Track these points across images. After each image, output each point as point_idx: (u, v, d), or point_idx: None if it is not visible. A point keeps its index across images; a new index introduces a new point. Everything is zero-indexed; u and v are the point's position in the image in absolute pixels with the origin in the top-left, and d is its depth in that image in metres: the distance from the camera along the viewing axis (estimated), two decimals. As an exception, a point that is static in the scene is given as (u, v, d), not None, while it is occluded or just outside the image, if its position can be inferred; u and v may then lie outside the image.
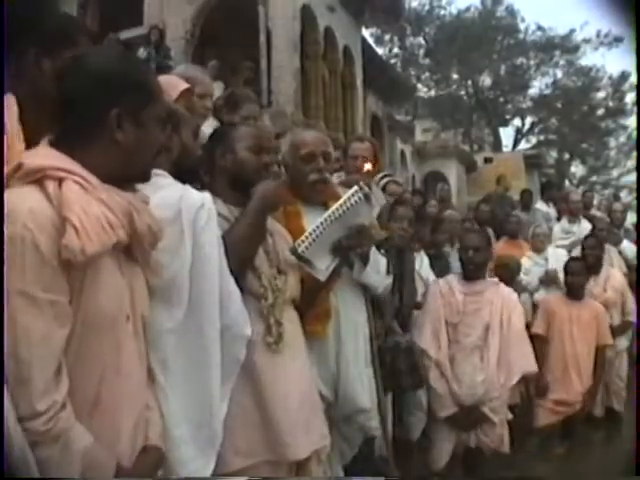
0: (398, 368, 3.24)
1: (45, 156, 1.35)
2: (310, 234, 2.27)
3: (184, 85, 2.71)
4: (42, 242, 1.22)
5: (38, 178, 1.29)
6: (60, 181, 1.29)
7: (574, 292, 4.90)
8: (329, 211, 2.32)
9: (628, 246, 6.54)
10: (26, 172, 1.29)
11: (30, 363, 1.20)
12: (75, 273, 1.29)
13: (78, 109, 1.41)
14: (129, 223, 1.39)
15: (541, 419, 4.73)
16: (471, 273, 3.75)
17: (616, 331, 5.13)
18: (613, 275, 5.48)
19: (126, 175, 1.46)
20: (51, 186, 1.28)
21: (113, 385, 1.38)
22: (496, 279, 3.95)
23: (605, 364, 4.94)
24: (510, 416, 3.65)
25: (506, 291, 3.81)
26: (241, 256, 2.01)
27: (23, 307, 1.20)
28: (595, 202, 9.01)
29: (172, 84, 2.69)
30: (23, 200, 1.25)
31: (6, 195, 1.27)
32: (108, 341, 1.37)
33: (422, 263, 4.50)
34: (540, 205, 8.63)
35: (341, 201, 2.33)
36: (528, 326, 4.71)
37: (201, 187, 2.20)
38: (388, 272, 2.86)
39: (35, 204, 1.25)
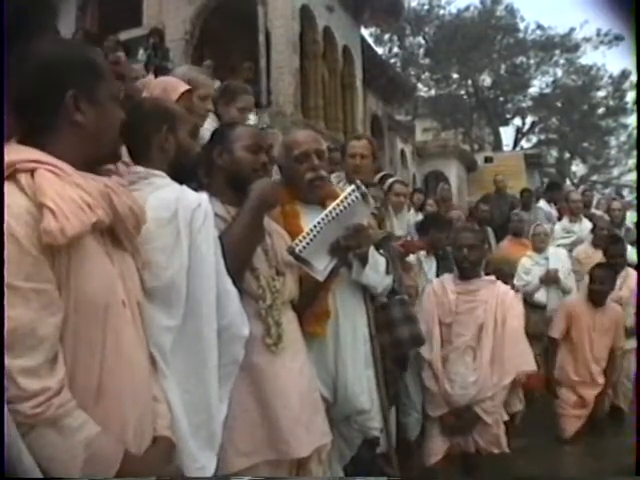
0: (393, 318, 3.18)
1: (14, 151, 1.35)
2: (307, 234, 2.26)
3: (184, 87, 2.70)
4: (20, 232, 1.22)
5: (10, 173, 1.29)
6: (32, 172, 1.30)
7: (598, 300, 4.92)
8: (326, 211, 2.31)
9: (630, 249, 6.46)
10: None
11: (18, 352, 1.20)
12: (60, 260, 1.29)
13: (33, 103, 1.41)
14: (109, 205, 1.39)
15: (568, 429, 4.83)
16: (466, 272, 3.73)
17: (628, 332, 5.14)
18: (631, 275, 5.46)
19: (95, 157, 1.47)
20: (23, 178, 1.28)
21: (115, 372, 1.38)
22: (493, 277, 3.92)
23: (617, 366, 5.04)
24: (506, 417, 3.62)
25: (502, 289, 3.77)
26: (239, 256, 2.00)
27: (8, 299, 1.19)
28: (594, 201, 9.00)
29: (172, 86, 2.69)
30: None
31: None
32: (104, 328, 1.37)
33: (431, 267, 4.49)
34: (543, 204, 8.61)
35: (338, 200, 2.32)
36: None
37: (198, 187, 2.19)
38: (387, 272, 2.85)
39: (10, 197, 1.25)
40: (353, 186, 2.34)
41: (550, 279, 5.74)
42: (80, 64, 1.46)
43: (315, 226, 2.27)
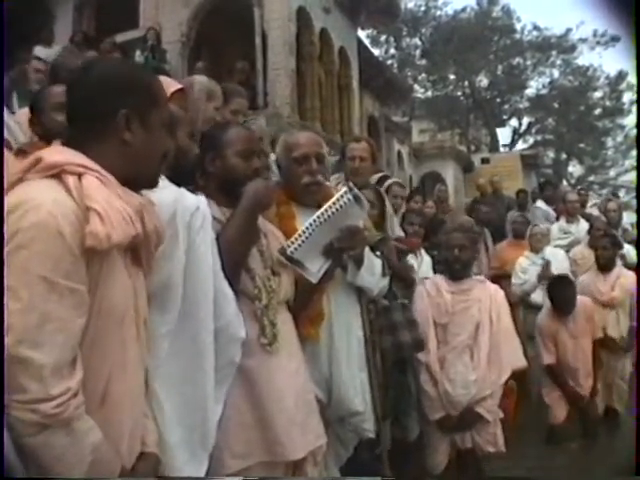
0: (394, 322, 3.18)
1: (63, 153, 1.38)
2: (300, 235, 2.26)
3: (176, 86, 2.69)
4: (66, 230, 1.24)
5: (56, 173, 1.32)
6: (79, 176, 1.32)
7: (565, 311, 4.93)
8: (318, 212, 2.31)
9: (630, 249, 6.42)
10: (45, 166, 1.32)
11: (49, 349, 1.20)
12: (92, 266, 1.30)
13: (86, 112, 1.45)
14: (140, 222, 1.41)
15: (558, 415, 4.87)
16: (458, 272, 3.73)
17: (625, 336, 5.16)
18: (625, 275, 5.46)
19: (134, 178, 1.48)
20: (71, 180, 1.30)
21: (119, 383, 1.39)
22: (482, 277, 3.93)
23: (600, 357, 5.04)
24: (501, 415, 3.63)
25: (492, 288, 3.80)
26: (233, 257, 2.00)
27: (44, 293, 1.21)
28: (597, 201, 8.99)
29: (164, 85, 2.67)
30: (45, 191, 1.28)
31: (24, 187, 1.30)
32: (117, 338, 1.39)
33: (422, 262, 4.49)
34: (540, 204, 8.62)
35: (330, 202, 2.32)
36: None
37: (194, 189, 2.19)
38: (383, 274, 2.85)
39: (58, 195, 1.28)
40: (345, 188, 2.34)
41: (546, 276, 5.70)
42: (139, 87, 1.51)
43: (307, 227, 2.27)
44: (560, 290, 4.93)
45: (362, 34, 19.22)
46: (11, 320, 1.17)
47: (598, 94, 29.82)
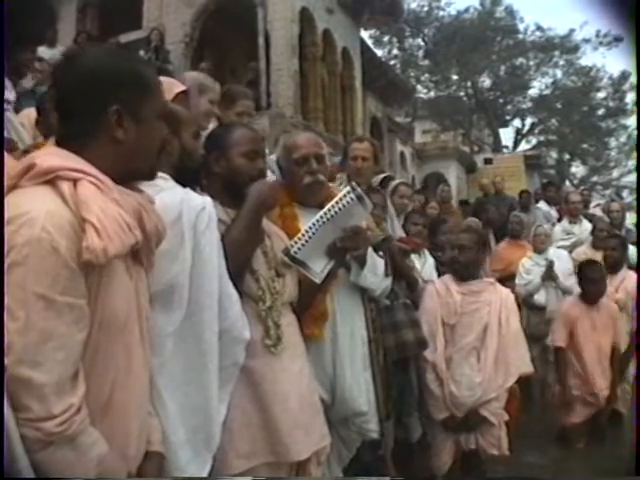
0: (397, 321, 3.19)
1: (57, 156, 1.32)
2: (303, 235, 2.26)
3: (179, 87, 2.70)
4: (62, 245, 1.20)
5: (50, 179, 1.27)
6: (75, 182, 1.27)
7: (592, 298, 4.89)
8: (321, 212, 2.30)
9: (632, 250, 6.41)
10: (38, 172, 1.27)
11: (49, 367, 1.18)
12: (92, 277, 1.27)
13: (75, 109, 1.38)
14: (139, 223, 1.37)
15: (572, 418, 4.83)
16: (458, 273, 3.71)
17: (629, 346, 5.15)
18: (629, 277, 5.43)
19: (131, 173, 1.44)
20: (66, 187, 1.25)
21: (124, 389, 1.37)
22: (492, 279, 3.91)
23: (619, 362, 4.97)
24: (506, 417, 3.62)
25: (504, 291, 3.77)
26: (238, 258, 1.99)
27: (42, 311, 1.18)
28: (600, 202, 8.99)
29: (167, 86, 2.67)
30: (40, 202, 1.23)
31: (18, 195, 1.25)
32: (120, 344, 1.36)
33: (425, 263, 4.49)
34: (541, 204, 8.61)
35: (333, 202, 2.31)
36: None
37: (199, 189, 2.19)
38: (386, 274, 2.85)
39: (52, 206, 1.23)
40: (348, 187, 2.34)
41: (548, 275, 5.70)
42: (129, 78, 1.42)
43: (310, 227, 2.27)
44: (590, 272, 4.88)
45: (365, 35, 19.28)
46: (10, 339, 1.15)
47: (601, 94, 29.83)
